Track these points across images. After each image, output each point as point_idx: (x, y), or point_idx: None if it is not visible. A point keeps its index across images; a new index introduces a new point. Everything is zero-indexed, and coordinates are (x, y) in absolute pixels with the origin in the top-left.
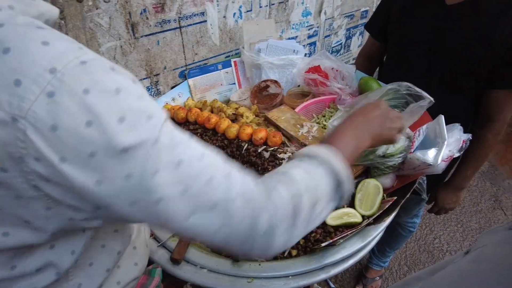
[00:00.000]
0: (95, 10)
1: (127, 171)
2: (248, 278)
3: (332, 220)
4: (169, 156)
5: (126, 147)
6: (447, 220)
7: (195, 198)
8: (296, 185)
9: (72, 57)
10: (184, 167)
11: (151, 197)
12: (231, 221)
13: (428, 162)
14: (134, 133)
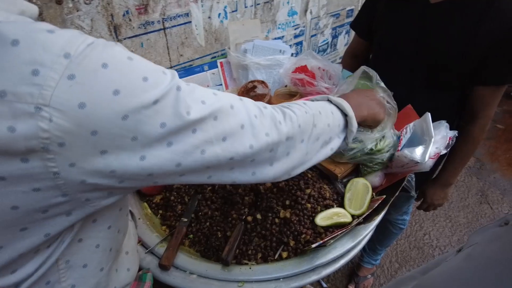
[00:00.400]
0: (75, 12)
1: (161, 119)
2: (239, 283)
3: (322, 221)
4: (193, 97)
5: (157, 98)
6: (436, 216)
7: (224, 124)
8: (310, 107)
9: (80, 41)
10: (208, 103)
11: (188, 129)
12: (259, 135)
13: (416, 159)
14: (159, 86)
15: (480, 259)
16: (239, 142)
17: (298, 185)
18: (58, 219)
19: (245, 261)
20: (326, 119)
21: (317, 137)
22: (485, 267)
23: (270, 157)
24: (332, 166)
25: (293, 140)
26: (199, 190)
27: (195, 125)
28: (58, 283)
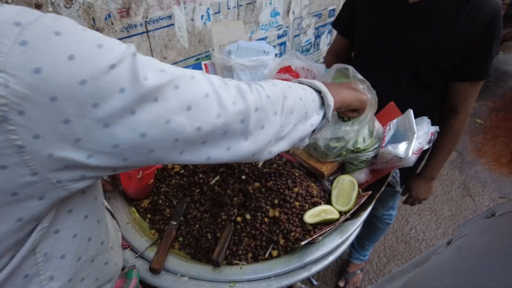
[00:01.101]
0: None
1: (120, 85)
2: (230, 283)
3: (310, 218)
4: (150, 65)
5: (113, 63)
6: (421, 210)
7: (187, 93)
8: (279, 82)
9: (31, 13)
10: (167, 71)
11: (149, 97)
12: (226, 104)
13: (400, 155)
14: (114, 51)
15: (470, 251)
16: (204, 111)
17: (286, 184)
18: (30, 203)
19: (235, 262)
20: (296, 92)
21: (291, 110)
22: (475, 259)
23: (242, 130)
24: (318, 165)
25: (264, 111)
26: (187, 193)
27: (156, 92)
28: (37, 276)
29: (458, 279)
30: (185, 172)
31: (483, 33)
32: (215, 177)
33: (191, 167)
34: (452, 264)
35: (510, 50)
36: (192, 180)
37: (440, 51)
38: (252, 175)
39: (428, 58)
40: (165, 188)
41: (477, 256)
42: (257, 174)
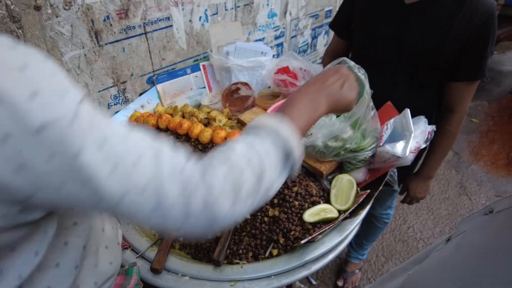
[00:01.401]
0: (55, 18)
1: (47, 153)
2: (231, 282)
3: (309, 217)
4: (91, 134)
5: (41, 125)
6: (418, 209)
7: (124, 179)
8: (236, 160)
9: None
10: (109, 146)
11: (78, 178)
12: (164, 203)
13: (397, 154)
14: (48, 109)
15: (468, 248)
16: (138, 204)
17: (285, 183)
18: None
19: (236, 261)
20: (260, 166)
21: (248, 195)
22: (473, 256)
23: (185, 228)
24: (317, 164)
25: (210, 209)
26: None
27: (84, 172)
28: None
29: (458, 275)
30: None
31: (478, 34)
32: None
33: None
34: (452, 261)
35: (505, 50)
36: None
37: (436, 51)
38: None
39: (425, 58)
40: None
41: (476, 252)
42: None
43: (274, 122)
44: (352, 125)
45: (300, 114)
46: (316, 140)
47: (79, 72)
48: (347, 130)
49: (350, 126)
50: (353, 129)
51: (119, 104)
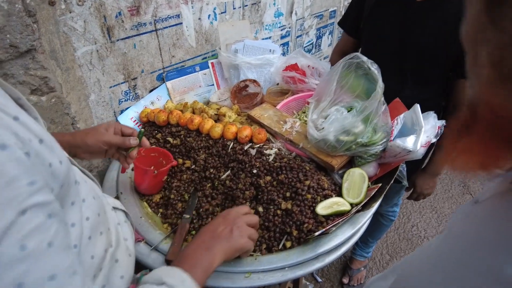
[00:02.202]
0: (68, 13)
1: None
2: (246, 273)
3: (322, 210)
4: (9, 273)
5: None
6: (422, 208)
7: None
8: None
9: None
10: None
11: None
12: None
13: (408, 148)
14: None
15: (454, 238)
16: None
17: (297, 177)
18: None
19: (250, 253)
20: None
21: None
22: (458, 246)
23: None
24: (328, 158)
25: None
26: (198, 187)
27: None
28: None
29: (443, 266)
30: (196, 167)
31: None
32: (226, 172)
33: (202, 162)
34: (438, 251)
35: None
36: (203, 175)
37: (446, 49)
38: (263, 169)
39: (434, 55)
40: (177, 183)
41: (460, 242)
42: (268, 168)
43: (173, 279)
44: (364, 120)
45: (196, 268)
46: (328, 134)
47: (91, 67)
48: (358, 124)
49: (362, 121)
50: (364, 124)
51: (130, 100)
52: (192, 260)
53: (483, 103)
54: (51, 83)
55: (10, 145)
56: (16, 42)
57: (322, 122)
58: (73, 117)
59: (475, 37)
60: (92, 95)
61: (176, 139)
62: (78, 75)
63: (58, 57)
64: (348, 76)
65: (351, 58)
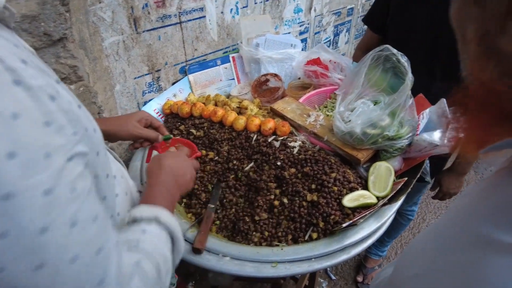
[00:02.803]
0: (98, 3)
1: (4, 226)
2: (272, 263)
3: (349, 202)
4: (63, 212)
5: (10, 192)
6: (437, 208)
7: (82, 270)
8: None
9: None
10: (78, 228)
11: (32, 262)
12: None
13: (435, 142)
14: (24, 174)
15: (453, 211)
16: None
17: (323, 169)
18: None
19: (275, 243)
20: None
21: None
22: (455, 216)
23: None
24: (354, 152)
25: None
26: (222, 178)
27: (42, 256)
28: None
29: (438, 234)
30: (219, 159)
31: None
32: (249, 164)
33: (225, 154)
34: (437, 224)
35: None
36: (227, 167)
37: None
38: (288, 162)
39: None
40: (200, 173)
41: (457, 212)
42: (292, 160)
43: (162, 213)
44: (391, 113)
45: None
46: (355, 127)
47: (117, 58)
48: (385, 117)
49: (389, 114)
50: (391, 117)
51: (153, 92)
52: (162, 199)
53: (474, 79)
54: (80, 72)
55: (57, 98)
56: (50, 31)
57: (348, 114)
58: (99, 106)
59: (462, 15)
60: (117, 85)
61: (199, 131)
62: (105, 65)
63: (87, 47)
64: (375, 70)
65: (381, 50)
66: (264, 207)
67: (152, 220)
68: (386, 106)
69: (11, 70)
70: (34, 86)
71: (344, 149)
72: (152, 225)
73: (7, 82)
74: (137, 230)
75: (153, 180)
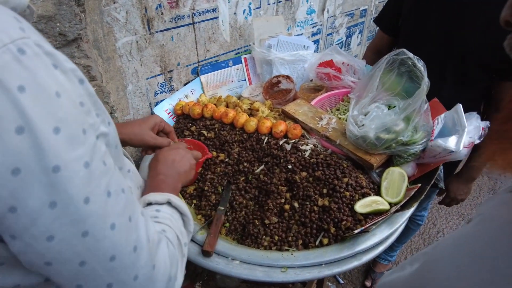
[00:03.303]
0: (112, 4)
1: (53, 197)
2: (282, 268)
3: (361, 208)
4: (99, 184)
5: (58, 165)
6: (448, 213)
7: (120, 236)
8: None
9: (8, 40)
10: (113, 199)
11: (78, 229)
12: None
13: (450, 148)
14: (68, 148)
15: (488, 222)
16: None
17: (335, 174)
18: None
19: (286, 248)
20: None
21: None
22: (493, 230)
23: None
24: (367, 156)
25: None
26: (232, 180)
27: (87, 223)
28: None
29: (472, 248)
30: (229, 161)
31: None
32: (260, 166)
33: (236, 155)
34: (469, 237)
35: None
36: (237, 169)
37: (493, 49)
38: (299, 165)
39: (479, 55)
40: (211, 175)
41: (496, 226)
42: (303, 164)
43: (177, 200)
44: (406, 118)
45: (174, 190)
46: (368, 131)
47: (130, 58)
48: (400, 122)
49: (404, 119)
50: (406, 122)
51: (165, 92)
52: (169, 186)
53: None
54: (93, 72)
55: (85, 82)
56: (65, 31)
57: (362, 118)
58: (112, 106)
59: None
60: (129, 85)
61: (210, 132)
62: (118, 65)
63: (101, 47)
64: (390, 73)
65: (396, 54)
66: (274, 211)
67: (164, 204)
68: (401, 110)
69: (50, 54)
70: (68, 69)
71: (356, 153)
72: (164, 207)
73: (49, 64)
74: (152, 210)
75: (152, 172)
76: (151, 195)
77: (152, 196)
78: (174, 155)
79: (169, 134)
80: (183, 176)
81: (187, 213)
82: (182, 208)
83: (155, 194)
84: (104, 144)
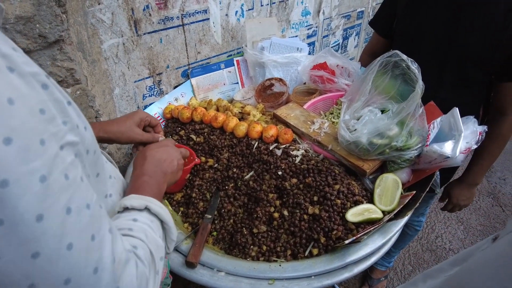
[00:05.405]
0: (97, 5)
1: (0, 214)
2: (269, 280)
3: (353, 217)
4: (57, 199)
5: (6, 179)
6: (447, 219)
7: (79, 257)
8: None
9: None
10: (73, 216)
11: (27, 249)
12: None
13: (446, 154)
14: (20, 160)
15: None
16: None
17: (326, 180)
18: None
19: (274, 258)
20: (157, 242)
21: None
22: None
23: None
24: (360, 162)
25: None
26: (221, 187)
27: (38, 243)
28: None
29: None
30: (218, 166)
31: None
32: (249, 172)
33: (225, 161)
34: (506, 258)
35: None
36: (226, 175)
37: (489, 51)
38: (289, 171)
39: (476, 57)
40: (199, 181)
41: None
42: (294, 170)
43: (157, 206)
44: (400, 122)
45: (155, 194)
46: (360, 136)
47: (117, 60)
48: (393, 127)
49: (398, 123)
50: (400, 127)
51: (154, 95)
52: (150, 189)
53: None
54: (77, 75)
55: (49, 87)
56: (45, 32)
57: (354, 123)
58: (97, 111)
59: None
60: (116, 89)
61: (200, 137)
62: (104, 68)
63: (85, 49)
64: (383, 76)
65: (389, 56)
66: (263, 219)
67: (143, 210)
68: (394, 115)
69: (4, 56)
70: (28, 73)
71: (349, 159)
72: (143, 214)
73: (2, 68)
74: (128, 219)
75: (137, 171)
76: (129, 198)
77: (129, 200)
78: (161, 154)
79: (155, 128)
80: (169, 177)
81: (168, 220)
82: (162, 216)
83: (133, 198)
84: (71, 154)
